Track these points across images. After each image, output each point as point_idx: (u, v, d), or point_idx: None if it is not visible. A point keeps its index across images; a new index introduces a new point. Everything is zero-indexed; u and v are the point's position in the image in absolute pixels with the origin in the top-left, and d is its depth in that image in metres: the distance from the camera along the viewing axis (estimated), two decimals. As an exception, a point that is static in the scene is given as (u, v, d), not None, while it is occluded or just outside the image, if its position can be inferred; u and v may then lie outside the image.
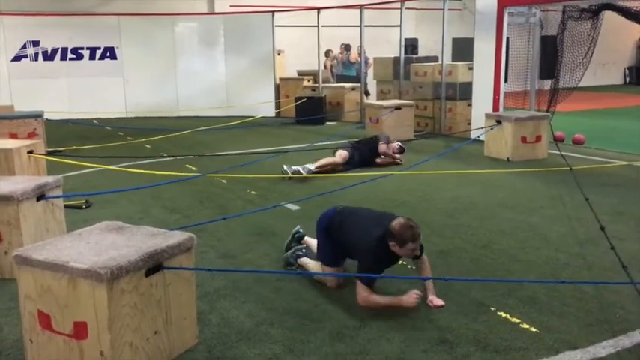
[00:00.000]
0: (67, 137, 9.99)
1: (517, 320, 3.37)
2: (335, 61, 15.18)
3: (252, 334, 3.26)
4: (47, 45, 13.34)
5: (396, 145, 7.92)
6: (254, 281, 3.96)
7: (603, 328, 3.27)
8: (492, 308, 3.52)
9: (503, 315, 3.43)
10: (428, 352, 3.04)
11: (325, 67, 14.87)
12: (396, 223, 3.47)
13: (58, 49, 13.41)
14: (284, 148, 8.92)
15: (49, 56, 13.37)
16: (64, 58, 13.47)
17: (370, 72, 13.55)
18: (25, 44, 13.21)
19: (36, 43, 13.27)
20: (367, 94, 13.52)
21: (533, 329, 3.26)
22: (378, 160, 7.75)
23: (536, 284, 3.85)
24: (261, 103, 13.38)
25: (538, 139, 8.13)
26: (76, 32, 13.39)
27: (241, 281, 3.96)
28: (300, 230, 4.43)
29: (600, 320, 3.36)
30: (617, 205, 5.70)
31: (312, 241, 4.29)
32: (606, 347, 3.06)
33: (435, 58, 11.88)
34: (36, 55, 13.31)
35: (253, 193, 6.38)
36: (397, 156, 7.86)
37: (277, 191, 6.40)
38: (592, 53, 9.30)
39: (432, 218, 5.41)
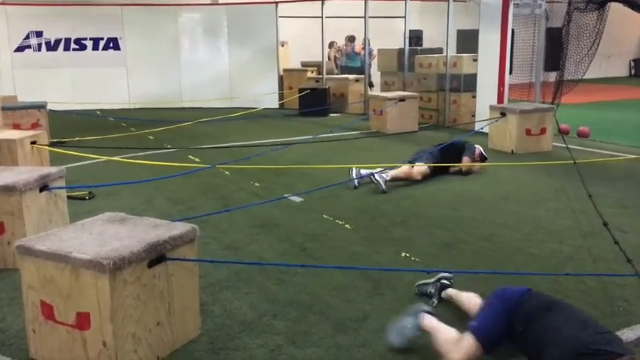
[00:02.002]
0: (70, 128, 9.99)
1: (520, 313, 3.35)
2: (339, 52, 15.12)
3: (254, 326, 3.26)
4: (50, 35, 13.31)
5: (477, 151, 6.85)
6: (257, 273, 3.95)
7: (607, 321, 3.25)
8: (496, 301, 3.50)
9: (507, 308, 3.41)
10: (431, 345, 3.02)
11: (329, 58, 14.82)
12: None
13: (61, 39, 13.39)
14: (288, 139, 8.90)
15: (52, 47, 13.35)
16: (67, 48, 13.45)
17: (374, 63, 13.49)
18: (28, 34, 13.19)
19: (39, 34, 13.25)
20: (371, 85, 13.48)
21: (537, 322, 3.25)
22: (463, 167, 6.68)
23: (540, 277, 3.83)
24: (265, 95, 13.35)
25: (543, 131, 8.10)
26: (79, 23, 13.37)
27: (244, 273, 3.95)
28: (448, 280, 3.50)
29: (604, 313, 3.34)
30: (621, 198, 5.67)
31: (435, 324, 3.03)
32: (610, 340, 3.05)
33: (439, 50, 11.81)
34: (39, 45, 13.29)
35: (257, 184, 6.37)
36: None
37: (281, 183, 6.39)
38: (597, 45, 9.22)
39: (435, 211, 5.40)
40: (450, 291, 3.45)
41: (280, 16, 13.54)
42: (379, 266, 4.07)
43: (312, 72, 13.82)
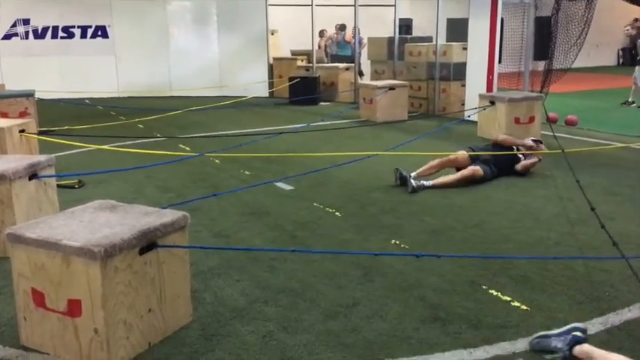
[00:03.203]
0: (58, 116, 9.92)
1: (508, 298, 3.40)
2: (330, 41, 15.09)
3: (245, 313, 3.28)
4: (38, 23, 13.18)
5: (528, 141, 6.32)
6: (248, 260, 3.97)
7: (593, 306, 3.31)
8: (484, 287, 3.55)
9: (495, 293, 3.47)
10: (420, 330, 3.07)
11: (319, 47, 14.78)
12: None
13: (48, 27, 13.26)
14: (278, 128, 8.90)
15: (39, 34, 13.22)
16: (55, 36, 13.33)
17: (364, 52, 13.48)
18: (15, 22, 13.05)
19: (26, 21, 13.11)
20: (361, 74, 13.48)
21: (524, 307, 3.30)
22: (519, 167, 6.12)
23: (528, 264, 3.88)
24: (255, 83, 13.31)
25: (531, 119, 8.14)
26: (66, 10, 13.23)
27: (235, 260, 3.97)
28: (581, 332, 2.71)
29: (590, 298, 3.40)
30: (609, 186, 5.73)
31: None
32: (596, 325, 3.10)
33: (429, 39, 11.83)
34: (26, 33, 13.15)
35: (247, 173, 6.38)
36: (542, 146, 6.34)
37: (271, 171, 6.40)
38: (586, 34, 9.28)
39: (425, 198, 5.43)
40: (589, 348, 2.60)
41: (270, 4, 13.48)
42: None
43: (302, 60, 13.79)
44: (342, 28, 14.64)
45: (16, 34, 13.10)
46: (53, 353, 2.85)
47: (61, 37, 13.36)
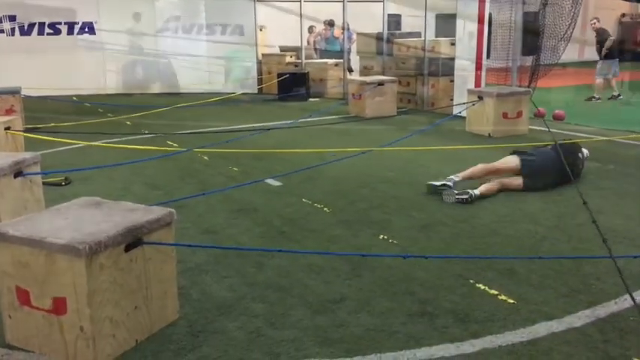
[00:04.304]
0: (45, 114, 9.83)
1: (495, 292, 3.41)
2: (319, 37, 15.06)
3: (233, 309, 3.27)
4: (24, 20, 13.05)
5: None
6: (235, 257, 3.96)
7: (579, 299, 3.33)
8: (471, 281, 3.56)
9: (482, 287, 3.48)
10: (408, 324, 3.07)
11: (308, 42, 14.75)
12: None
13: (35, 23, 13.13)
14: (267, 124, 8.87)
15: (25, 31, 13.10)
16: (41, 33, 13.20)
17: (353, 48, 13.47)
18: (0, 19, 12.92)
19: (12, 18, 12.98)
20: (350, 70, 13.46)
21: (511, 301, 3.31)
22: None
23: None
24: (244, 80, 13.26)
25: (519, 114, 8.17)
26: (52, 7, 13.11)
27: (223, 257, 3.95)
28: None
29: (577, 291, 3.41)
30: (595, 180, 5.76)
31: None
32: (582, 317, 3.12)
33: (418, 34, 11.83)
34: (12, 30, 13.03)
35: (235, 169, 6.36)
36: None
37: (259, 168, 6.38)
38: (573, 29, 9.32)
39: (414, 193, 5.43)
40: None
41: (258, 0, 13.43)
42: (358, 249, 4.10)
43: (291, 56, 13.77)
44: (330, 24, 14.60)
45: (2, 31, 12.96)
46: (39, 351, 2.83)
47: (48, 34, 13.24)
